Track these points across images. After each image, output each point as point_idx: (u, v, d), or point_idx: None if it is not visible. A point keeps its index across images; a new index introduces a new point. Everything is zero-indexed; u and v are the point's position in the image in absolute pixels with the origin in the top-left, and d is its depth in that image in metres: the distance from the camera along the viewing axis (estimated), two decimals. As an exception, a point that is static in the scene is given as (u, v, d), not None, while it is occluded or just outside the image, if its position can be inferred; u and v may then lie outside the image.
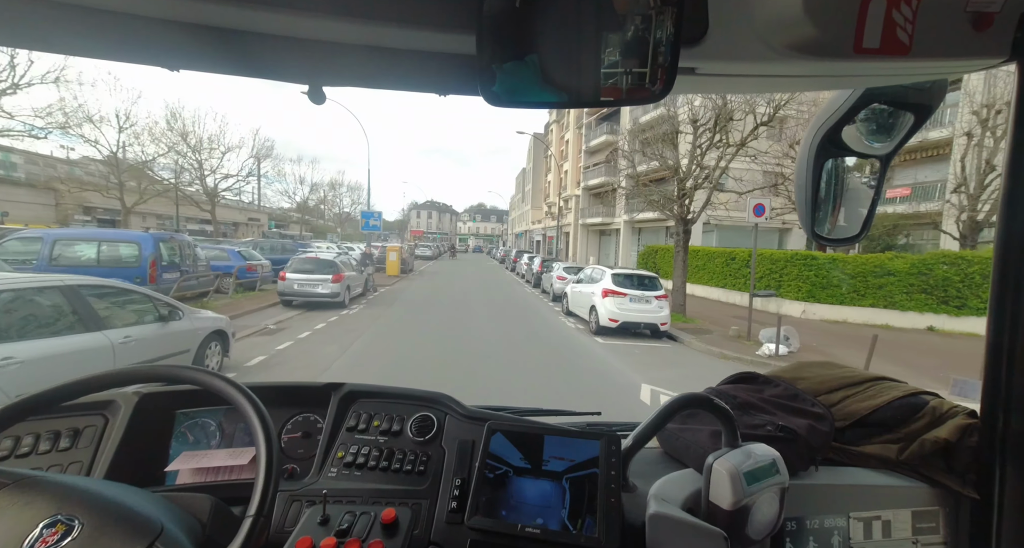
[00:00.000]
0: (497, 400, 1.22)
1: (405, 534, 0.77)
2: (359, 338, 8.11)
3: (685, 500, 0.79)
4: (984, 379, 0.84)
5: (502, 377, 6.25)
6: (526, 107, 0.58)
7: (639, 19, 0.51)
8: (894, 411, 0.98)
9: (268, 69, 0.65)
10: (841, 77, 0.76)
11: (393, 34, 0.57)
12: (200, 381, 0.79)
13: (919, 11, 0.58)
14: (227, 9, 0.52)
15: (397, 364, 6.59)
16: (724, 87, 0.77)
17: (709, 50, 0.60)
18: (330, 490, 0.84)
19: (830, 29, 0.57)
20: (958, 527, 0.91)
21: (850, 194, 0.98)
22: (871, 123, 0.90)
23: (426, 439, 0.99)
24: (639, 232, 27.78)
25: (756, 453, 0.77)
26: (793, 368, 1.19)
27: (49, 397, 0.70)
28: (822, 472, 0.92)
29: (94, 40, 0.58)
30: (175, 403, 1.04)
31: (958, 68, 0.70)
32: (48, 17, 0.53)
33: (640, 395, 5.79)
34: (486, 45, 0.52)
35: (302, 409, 1.08)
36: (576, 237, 35.96)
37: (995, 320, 0.81)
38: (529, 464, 0.82)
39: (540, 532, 0.75)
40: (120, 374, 0.77)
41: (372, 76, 0.68)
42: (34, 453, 0.92)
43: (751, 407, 1.02)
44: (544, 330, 10.39)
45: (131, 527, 0.62)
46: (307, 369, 6.12)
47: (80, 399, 0.77)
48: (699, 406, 0.82)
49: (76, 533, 0.56)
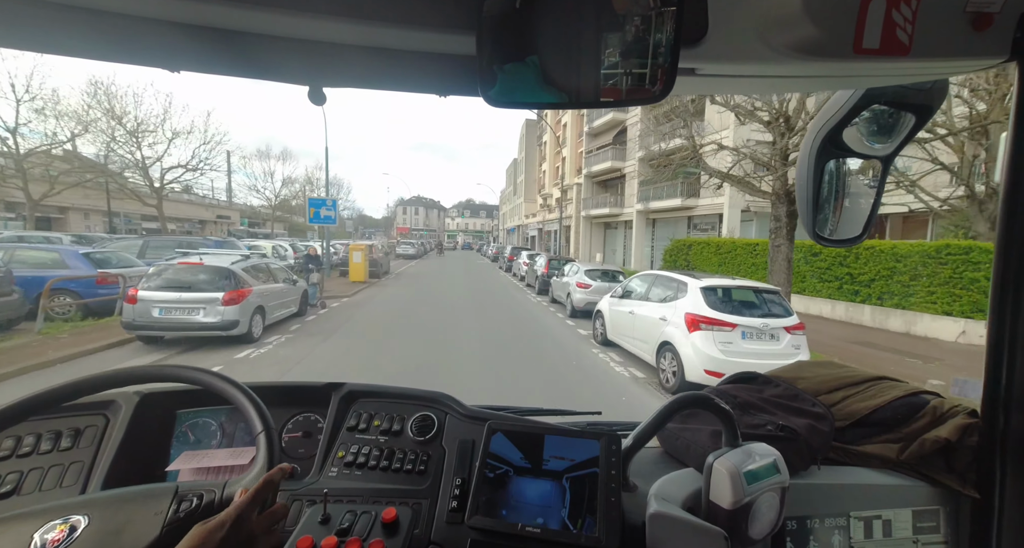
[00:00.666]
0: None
1: (406, 533, 0.77)
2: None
3: (685, 499, 0.80)
4: (985, 378, 0.84)
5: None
6: (526, 107, 0.58)
7: (639, 20, 0.52)
8: (894, 411, 0.98)
9: (268, 70, 0.65)
10: (841, 77, 0.76)
11: (393, 35, 0.57)
12: (201, 381, 0.79)
13: (919, 11, 0.58)
14: (227, 10, 0.52)
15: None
16: (724, 87, 0.77)
17: (709, 51, 0.60)
18: (331, 489, 0.85)
19: (830, 29, 0.57)
20: (959, 526, 0.91)
21: (852, 195, 0.98)
22: (872, 124, 0.90)
23: (426, 439, 0.99)
24: (653, 224, 24.56)
25: (757, 453, 0.77)
26: (793, 368, 1.19)
27: (50, 397, 0.70)
28: (823, 472, 0.92)
29: (94, 41, 0.58)
30: (176, 403, 1.04)
31: (958, 68, 0.70)
32: (48, 18, 0.53)
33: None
34: (486, 46, 0.53)
35: (303, 409, 1.09)
36: (578, 231, 32.78)
37: (995, 319, 0.81)
38: (529, 464, 0.83)
39: (540, 531, 0.75)
40: (121, 374, 0.77)
41: (372, 77, 0.68)
42: (35, 453, 0.93)
43: (751, 407, 1.02)
44: (586, 386, 5.80)
45: (146, 495, 0.63)
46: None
47: (81, 399, 0.77)
48: (699, 406, 0.82)
49: (85, 524, 0.57)
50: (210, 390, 0.79)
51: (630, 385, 5.92)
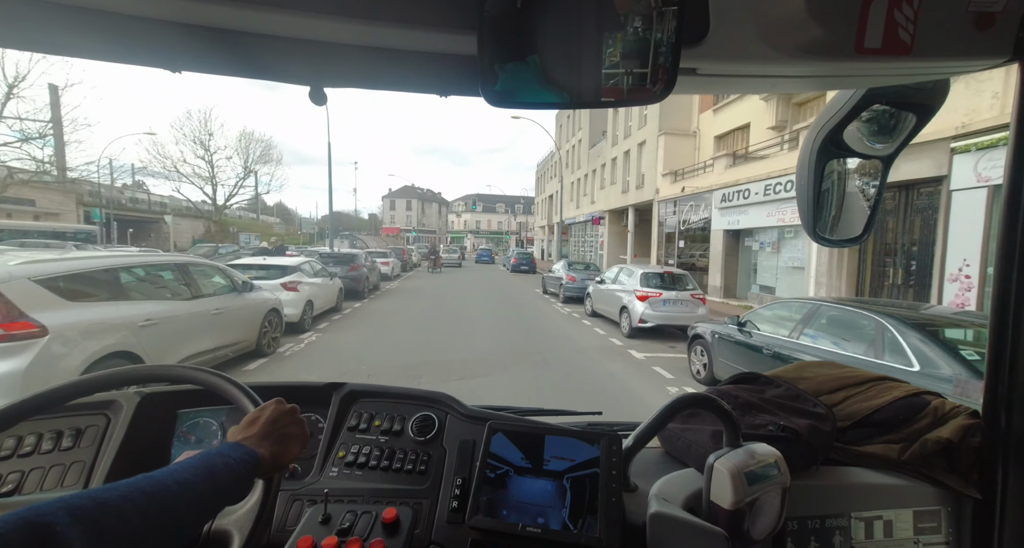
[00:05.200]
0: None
1: (406, 533, 0.77)
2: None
3: (686, 500, 0.79)
4: (986, 379, 0.84)
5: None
6: (527, 107, 0.58)
7: (640, 19, 0.52)
8: (896, 411, 0.98)
9: (270, 70, 0.65)
10: (843, 77, 0.76)
11: (394, 35, 0.57)
12: (201, 381, 0.79)
13: (921, 11, 0.58)
14: (229, 10, 0.52)
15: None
16: (725, 87, 0.77)
17: (710, 50, 0.59)
18: (331, 489, 0.85)
19: (832, 29, 0.57)
20: (960, 527, 0.90)
21: (852, 195, 0.98)
22: (873, 124, 0.90)
23: (427, 439, 0.99)
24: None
25: (758, 453, 0.77)
26: (795, 368, 1.19)
27: (51, 397, 0.70)
28: (824, 472, 0.92)
29: (96, 42, 0.59)
30: (177, 403, 1.04)
31: (960, 68, 0.70)
32: (49, 18, 0.53)
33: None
34: (487, 45, 0.52)
35: (303, 409, 1.08)
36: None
37: (997, 319, 0.81)
38: (530, 464, 0.82)
39: (541, 532, 0.75)
40: (121, 374, 0.77)
41: (373, 77, 0.68)
42: (37, 452, 0.93)
43: (753, 407, 1.02)
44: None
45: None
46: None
47: (82, 399, 0.77)
48: (700, 406, 0.82)
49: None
50: (211, 390, 0.79)
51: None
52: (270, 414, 0.68)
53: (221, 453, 0.57)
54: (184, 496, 0.49)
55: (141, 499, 0.45)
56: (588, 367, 6.42)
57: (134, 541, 0.43)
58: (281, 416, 0.69)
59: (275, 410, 0.69)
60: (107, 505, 0.43)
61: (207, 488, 0.52)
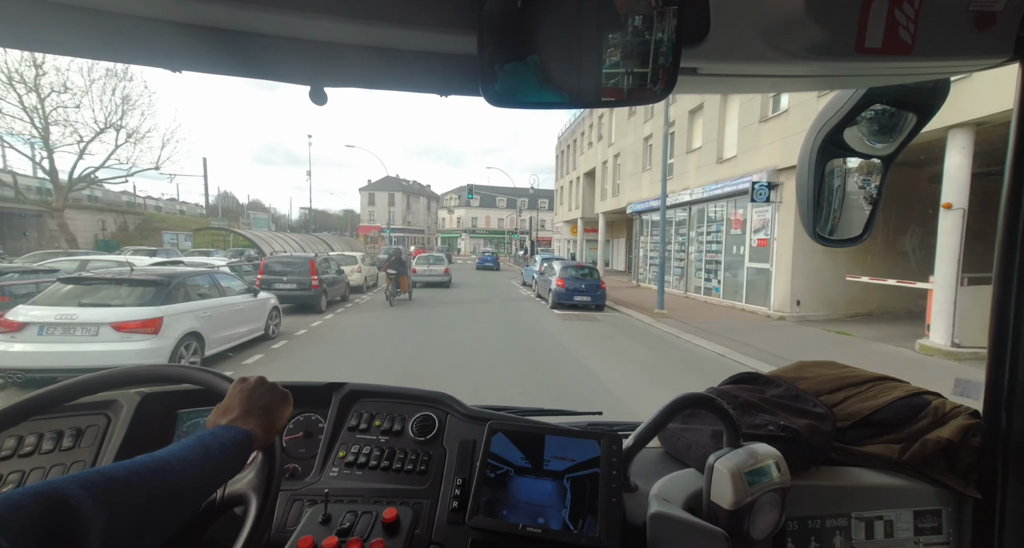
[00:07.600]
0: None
1: (406, 533, 0.77)
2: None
3: (686, 500, 0.79)
4: (987, 379, 0.83)
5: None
6: (527, 107, 0.58)
7: (640, 19, 0.52)
8: (896, 411, 0.98)
9: (270, 70, 0.65)
10: (843, 77, 0.76)
11: (394, 35, 0.57)
12: (201, 380, 0.79)
13: (921, 10, 0.58)
14: (229, 10, 0.52)
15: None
16: (726, 87, 0.77)
17: (711, 50, 0.59)
18: (332, 489, 0.85)
19: (832, 29, 0.57)
20: (961, 527, 0.90)
21: (852, 195, 0.98)
22: (873, 123, 0.90)
23: (427, 439, 0.99)
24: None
25: (758, 453, 0.77)
26: (795, 368, 1.19)
27: (52, 397, 0.70)
28: (824, 472, 0.91)
29: (96, 41, 0.59)
30: (177, 403, 1.04)
31: (961, 68, 0.70)
32: (49, 18, 0.53)
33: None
34: (487, 45, 0.52)
35: (303, 409, 1.08)
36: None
37: (997, 319, 0.81)
38: (530, 464, 0.82)
39: (541, 532, 0.75)
40: (121, 374, 0.77)
41: (374, 76, 0.68)
42: (37, 452, 0.93)
43: (752, 407, 1.02)
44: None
45: None
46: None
47: (83, 399, 0.77)
48: (700, 406, 0.82)
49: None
50: (210, 390, 0.79)
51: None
52: (240, 395, 0.70)
53: (215, 433, 0.61)
54: (185, 472, 0.53)
55: (146, 474, 0.49)
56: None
57: (143, 511, 0.47)
58: (252, 391, 0.70)
59: (242, 389, 0.70)
60: (116, 479, 0.46)
61: (206, 464, 0.56)
